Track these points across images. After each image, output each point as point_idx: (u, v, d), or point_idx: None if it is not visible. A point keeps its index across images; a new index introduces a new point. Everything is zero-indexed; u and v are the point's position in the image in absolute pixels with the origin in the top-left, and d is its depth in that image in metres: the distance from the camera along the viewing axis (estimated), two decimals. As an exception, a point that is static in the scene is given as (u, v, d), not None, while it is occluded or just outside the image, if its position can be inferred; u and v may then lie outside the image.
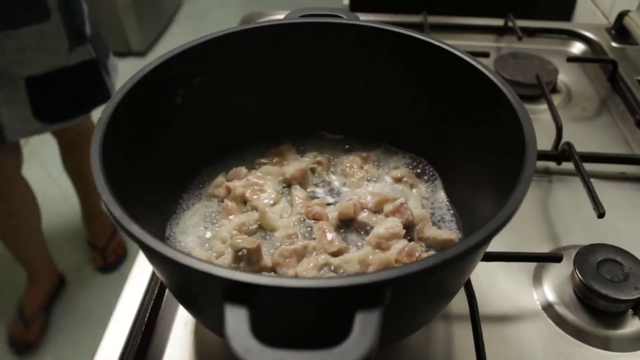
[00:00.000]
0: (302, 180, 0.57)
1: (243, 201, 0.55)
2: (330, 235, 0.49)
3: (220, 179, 0.56)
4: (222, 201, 0.55)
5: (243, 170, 0.57)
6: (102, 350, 0.49)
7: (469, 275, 0.47)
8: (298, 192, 0.55)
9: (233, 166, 0.58)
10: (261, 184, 0.56)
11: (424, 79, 0.54)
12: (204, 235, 0.52)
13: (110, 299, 0.58)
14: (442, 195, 0.57)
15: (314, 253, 0.49)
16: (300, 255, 0.48)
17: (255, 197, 0.54)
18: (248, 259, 0.47)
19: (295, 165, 0.57)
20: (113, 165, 0.40)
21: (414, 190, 0.56)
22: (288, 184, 0.57)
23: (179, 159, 0.54)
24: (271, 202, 0.54)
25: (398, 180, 0.57)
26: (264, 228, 0.52)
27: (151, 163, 0.49)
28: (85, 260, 1.76)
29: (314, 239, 0.50)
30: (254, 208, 0.53)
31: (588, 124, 0.81)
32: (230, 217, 0.53)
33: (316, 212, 0.52)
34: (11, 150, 1.33)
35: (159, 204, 0.52)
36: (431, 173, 0.58)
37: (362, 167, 0.59)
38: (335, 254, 0.48)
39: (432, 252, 0.50)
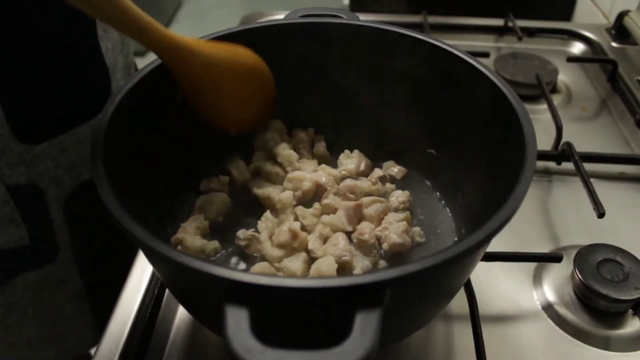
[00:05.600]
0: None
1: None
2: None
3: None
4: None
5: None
6: (102, 351, 0.49)
7: (469, 275, 0.47)
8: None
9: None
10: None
11: (423, 78, 0.54)
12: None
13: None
14: (441, 195, 0.57)
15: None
16: None
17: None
18: None
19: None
20: (113, 165, 0.40)
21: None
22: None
23: (179, 159, 0.54)
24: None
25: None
26: None
27: (151, 163, 0.49)
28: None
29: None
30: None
31: (588, 124, 0.81)
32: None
33: None
34: None
35: (159, 204, 0.52)
36: (430, 173, 0.58)
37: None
38: None
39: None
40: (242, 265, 0.51)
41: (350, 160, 0.59)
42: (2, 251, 0.56)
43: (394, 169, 0.59)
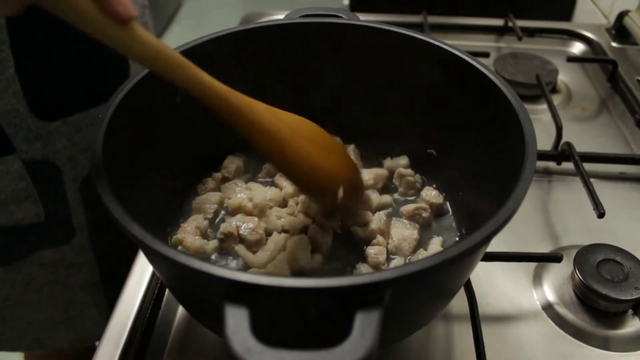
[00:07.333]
0: None
1: None
2: None
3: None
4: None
5: None
6: (102, 350, 0.49)
7: (469, 275, 0.47)
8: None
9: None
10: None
11: (424, 79, 0.54)
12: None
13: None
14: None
15: None
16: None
17: None
18: None
19: None
20: (113, 166, 0.40)
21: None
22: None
23: (179, 159, 0.54)
24: None
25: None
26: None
27: (151, 164, 0.49)
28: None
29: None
30: None
31: (588, 124, 0.81)
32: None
33: None
34: None
35: (159, 204, 0.52)
36: (430, 173, 0.58)
37: None
38: None
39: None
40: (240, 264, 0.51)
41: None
42: (18, 227, 0.57)
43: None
